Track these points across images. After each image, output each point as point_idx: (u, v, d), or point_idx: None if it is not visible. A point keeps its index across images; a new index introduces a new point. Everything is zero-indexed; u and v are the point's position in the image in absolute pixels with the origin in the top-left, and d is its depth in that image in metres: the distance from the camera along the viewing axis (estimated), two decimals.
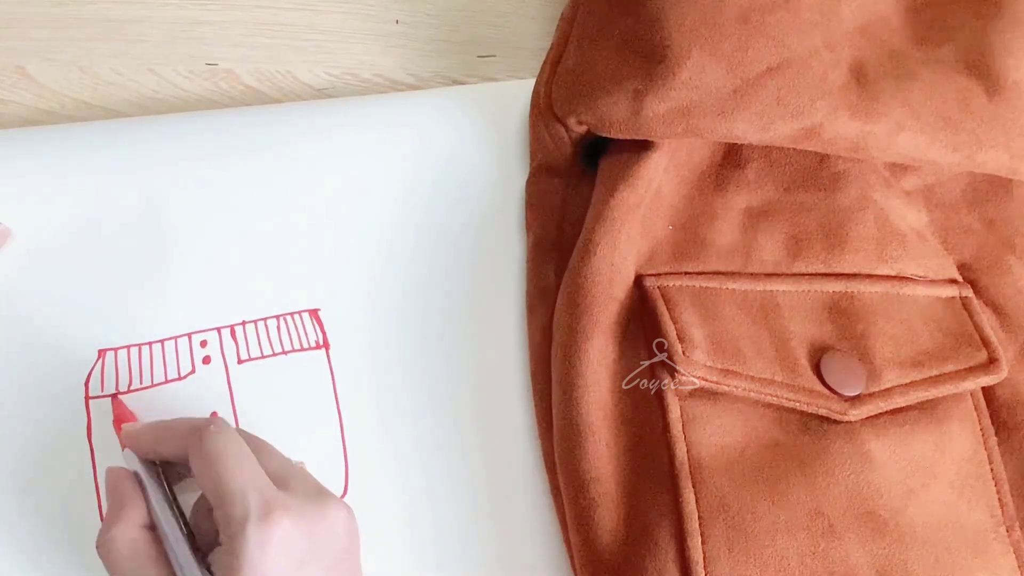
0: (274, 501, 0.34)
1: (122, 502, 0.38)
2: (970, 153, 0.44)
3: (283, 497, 0.35)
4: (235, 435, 0.37)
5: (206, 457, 0.36)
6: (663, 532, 0.40)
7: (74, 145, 0.48)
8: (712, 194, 0.47)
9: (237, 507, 0.34)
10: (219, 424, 0.37)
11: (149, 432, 0.39)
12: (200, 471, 0.36)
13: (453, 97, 0.50)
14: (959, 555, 0.40)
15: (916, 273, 0.45)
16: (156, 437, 0.39)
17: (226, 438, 0.36)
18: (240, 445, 0.36)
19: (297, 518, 0.34)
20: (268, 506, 0.34)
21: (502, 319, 0.46)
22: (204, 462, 0.36)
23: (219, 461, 0.35)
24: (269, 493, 0.35)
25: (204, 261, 0.47)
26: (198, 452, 0.36)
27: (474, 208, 0.48)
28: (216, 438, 0.36)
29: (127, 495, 0.38)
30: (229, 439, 0.36)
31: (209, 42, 0.53)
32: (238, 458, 0.36)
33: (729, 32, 0.42)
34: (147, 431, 0.39)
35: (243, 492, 0.34)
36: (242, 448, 0.36)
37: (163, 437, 0.39)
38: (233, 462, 0.35)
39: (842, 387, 0.42)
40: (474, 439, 0.44)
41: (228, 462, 0.35)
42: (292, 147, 0.49)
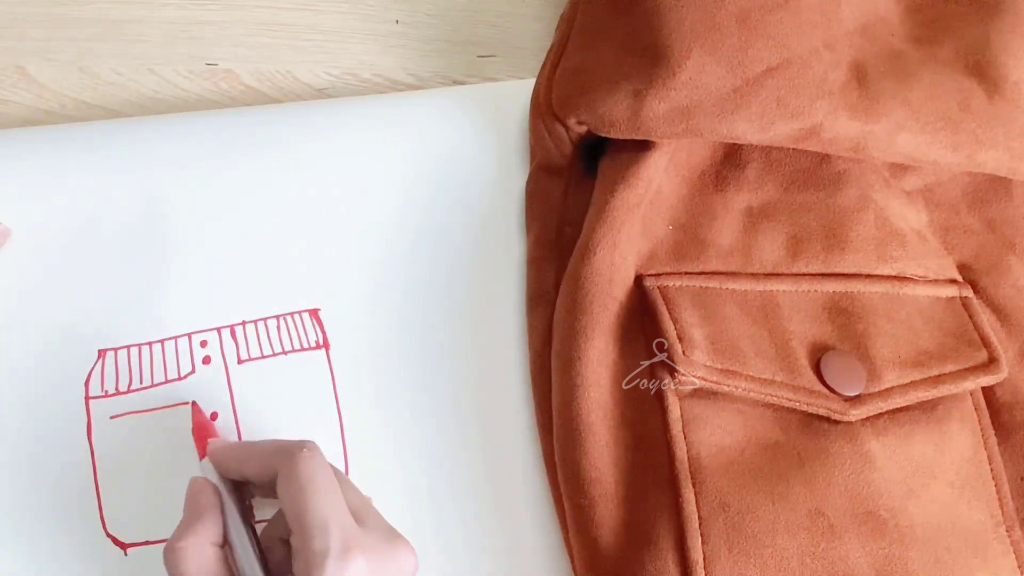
0: (353, 539, 0.35)
1: (199, 514, 0.37)
2: (970, 153, 0.44)
3: (361, 536, 0.35)
4: (325, 463, 0.37)
5: (296, 482, 0.36)
6: (663, 532, 0.40)
7: (74, 145, 0.48)
8: (712, 194, 0.47)
9: (318, 540, 0.34)
10: (312, 449, 0.37)
11: (236, 452, 0.39)
12: (287, 495, 0.36)
13: (453, 97, 0.50)
14: (959, 555, 0.40)
15: (916, 273, 0.45)
16: (242, 457, 0.39)
17: (317, 464, 0.36)
18: (329, 474, 0.36)
19: (371, 558, 0.35)
20: (347, 544, 0.34)
21: (502, 319, 0.46)
22: (293, 487, 0.36)
23: (308, 487, 0.35)
24: (349, 530, 0.35)
25: (204, 261, 0.47)
26: (288, 475, 0.36)
27: (474, 208, 0.48)
28: (308, 463, 0.36)
29: (206, 508, 0.37)
30: (320, 466, 0.36)
31: (209, 42, 0.53)
32: (326, 489, 0.36)
33: (729, 32, 0.42)
34: (234, 451, 0.39)
35: (326, 526, 0.34)
36: (330, 478, 0.36)
37: (250, 458, 0.38)
38: (321, 492, 0.35)
39: (842, 387, 0.42)
40: (474, 439, 0.44)
41: (316, 490, 0.35)
42: (292, 147, 0.49)
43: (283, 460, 0.36)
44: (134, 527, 0.43)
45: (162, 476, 0.43)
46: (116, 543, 0.43)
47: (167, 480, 0.43)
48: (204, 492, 0.38)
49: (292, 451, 0.37)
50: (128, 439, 0.44)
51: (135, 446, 0.44)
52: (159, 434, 0.44)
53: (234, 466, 0.39)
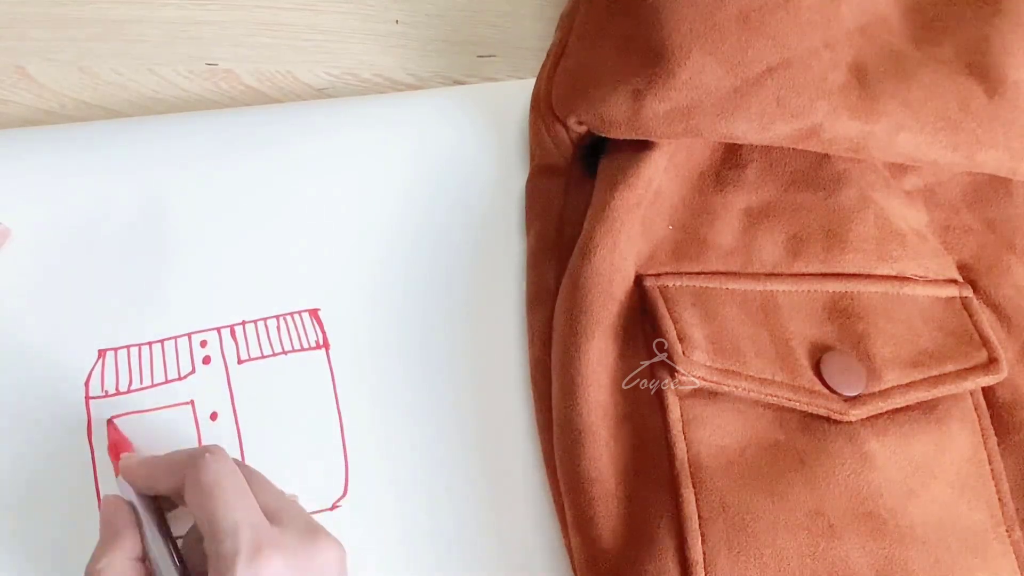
0: (265, 539, 0.34)
1: (116, 531, 0.37)
2: (970, 153, 0.44)
3: (275, 534, 0.35)
4: (231, 465, 0.37)
5: (201, 488, 0.35)
6: (663, 532, 0.40)
7: (74, 145, 0.48)
8: (712, 194, 0.47)
9: (228, 543, 0.34)
10: (216, 452, 0.37)
11: (145, 467, 0.39)
12: (194, 502, 0.36)
13: (453, 97, 0.50)
14: (959, 555, 0.40)
15: (916, 273, 0.45)
16: (151, 472, 0.38)
17: (222, 468, 0.36)
18: (236, 476, 0.36)
19: (288, 556, 0.34)
20: (259, 544, 0.34)
21: (502, 319, 0.46)
22: (199, 493, 0.35)
23: (214, 493, 0.35)
24: (261, 530, 0.34)
25: (204, 261, 0.47)
26: (194, 482, 0.36)
27: (474, 208, 0.48)
28: (211, 468, 0.36)
29: (121, 524, 0.37)
30: (225, 469, 0.36)
31: (209, 42, 0.53)
32: (233, 491, 0.35)
33: (729, 32, 0.42)
34: (143, 467, 0.39)
35: (235, 528, 0.34)
36: (237, 480, 0.36)
37: (159, 472, 0.38)
38: (228, 495, 0.35)
39: (842, 387, 0.42)
40: (474, 439, 0.44)
41: (221, 493, 0.35)
42: (292, 147, 0.49)
43: (188, 467, 0.36)
44: None
45: None
46: None
47: None
48: (119, 510, 0.38)
49: (195, 457, 0.36)
50: (129, 438, 0.44)
51: (135, 446, 0.44)
52: (159, 434, 0.44)
53: (144, 481, 0.38)
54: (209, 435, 0.44)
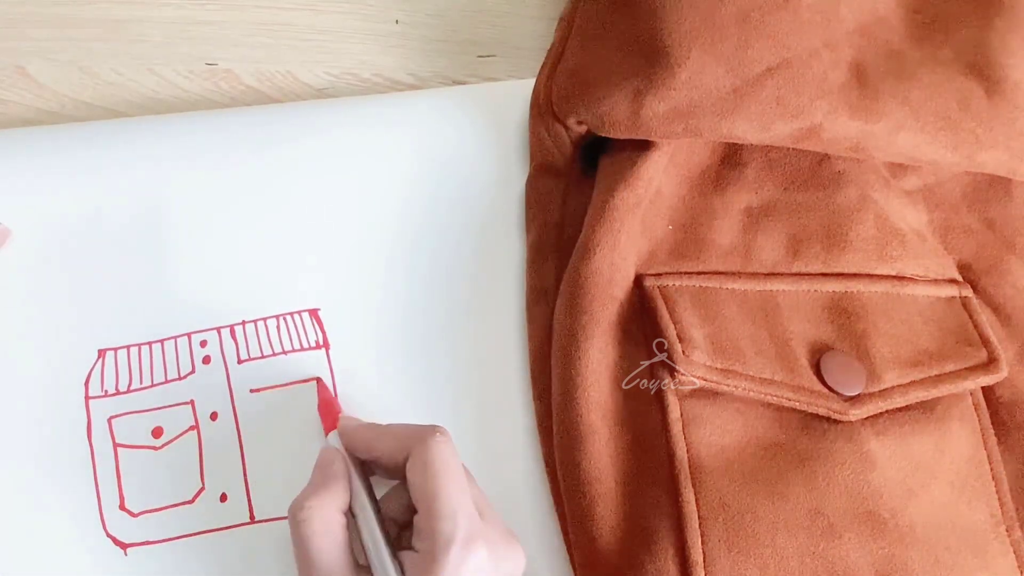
0: (477, 529, 0.35)
1: (329, 480, 0.38)
2: (970, 153, 0.44)
3: (484, 528, 0.36)
4: (455, 450, 0.37)
5: (430, 465, 0.36)
6: (663, 532, 0.40)
7: (74, 145, 0.48)
8: (712, 194, 0.47)
9: (447, 524, 0.35)
10: (445, 434, 0.38)
11: (367, 431, 0.40)
12: (417, 477, 0.36)
13: (453, 97, 0.50)
14: (959, 555, 0.40)
15: (916, 273, 0.45)
16: (374, 437, 0.39)
17: (450, 450, 0.37)
18: (458, 461, 0.37)
19: (492, 551, 0.36)
20: (472, 533, 0.35)
21: (502, 319, 0.46)
22: (425, 470, 0.36)
23: (441, 473, 0.36)
24: (475, 520, 0.36)
25: (204, 261, 0.47)
26: (422, 458, 0.36)
27: (474, 208, 0.48)
28: (443, 447, 0.37)
29: (335, 476, 0.38)
30: (452, 453, 0.37)
31: (209, 42, 0.53)
32: (456, 475, 0.36)
33: (729, 32, 0.42)
34: (365, 430, 0.40)
35: (455, 511, 0.35)
36: (460, 465, 0.37)
37: (381, 438, 0.39)
38: (452, 477, 0.36)
39: (842, 387, 0.42)
40: (474, 439, 0.44)
41: (449, 475, 0.36)
42: (292, 147, 0.49)
43: (416, 442, 0.37)
44: (134, 527, 0.43)
45: (163, 477, 0.43)
46: (116, 543, 0.43)
47: (168, 480, 0.43)
48: (336, 461, 0.39)
49: (426, 435, 0.37)
50: (128, 439, 0.44)
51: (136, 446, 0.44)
52: (160, 434, 0.44)
53: (364, 445, 0.39)
54: (209, 435, 0.44)
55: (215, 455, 0.44)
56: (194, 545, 0.43)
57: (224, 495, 0.43)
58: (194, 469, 0.44)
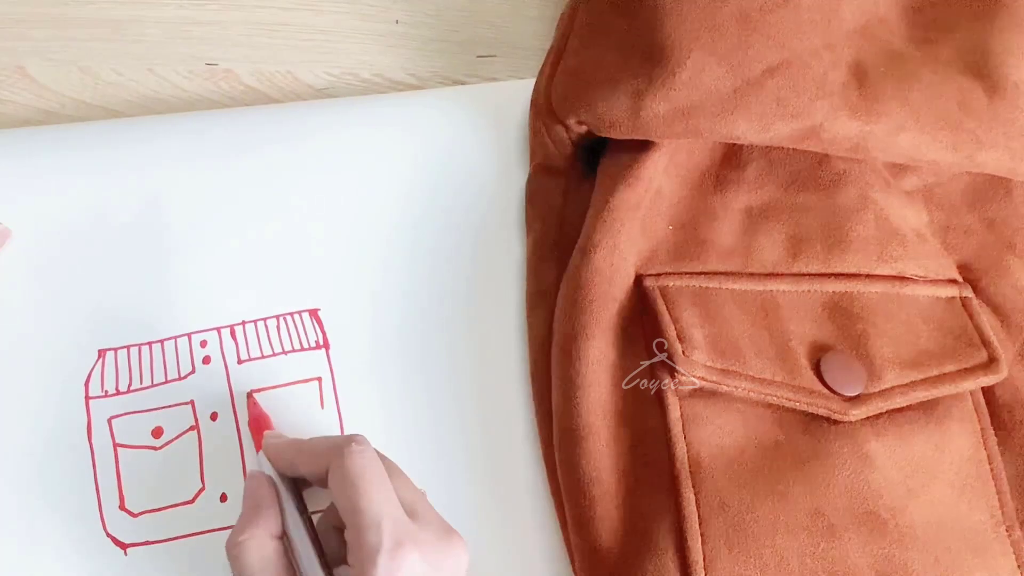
0: (405, 534, 0.35)
1: (258, 508, 0.38)
2: (970, 153, 0.44)
3: (413, 530, 0.35)
4: (375, 456, 0.37)
5: (346, 477, 0.36)
6: (663, 532, 0.40)
7: (74, 145, 0.48)
8: (712, 194, 0.47)
9: (371, 534, 0.34)
10: (361, 443, 0.37)
11: (291, 448, 0.39)
12: (338, 490, 0.36)
13: (453, 97, 0.50)
14: (959, 555, 0.40)
15: (916, 273, 0.45)
16: (296, 455, 0.39)
17: (367, 459, 0.37)
18: (379, 468, 0.37)
19: (425, 552, 0.35)
20: (399, 538, 0.35)
21: (502, 319, 0.46)
22: (344, 481, 0.36)
23: (359, 483, 0.36)
24: (401, 525, 0.35)
25: (204, 261, 0.47)
26: (339, 471, 0.36)
27: (474, 208, 0.48)
28: (357, 458, 0.36)
29: (264, 501, 0.38)
30: (369, 460, 0.37)
31: (209, 42, 0.53)
32: (377, 482, 0.36)
33: (729, 32, 0.42)
34: (289, 448, 0.39)
35: (378, 521, 0.35)
36: (380, 471, 0.37)
37: (303, 456, 0.38)
38: (372, 486, 0.36)
39: (842, 387, 0.42)
40: (474, 439, 0.44)
41: (367, 485, 0.36)
42: (292, 147, 0.49)
43: (333, 456, 0.37)
44: (134, 527, 0.43)
45: (163, 477, 0.43)
46: (116, 543, 0.43)
47: (168, 480, 0.43)
48: (262, 486, 0.39)
49: (341, 446, 0.37)
50: (128, 439, 0.44)
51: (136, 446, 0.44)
52: (160, 434, 0.44)
53: (287, 463, 0.39)
54: (209, 435, 0.44)
55: (215, 455, 0.44)
56: (194, 545, 0.43)
57: (224, 495, 0.43)
58: (194, 469, 0.44)
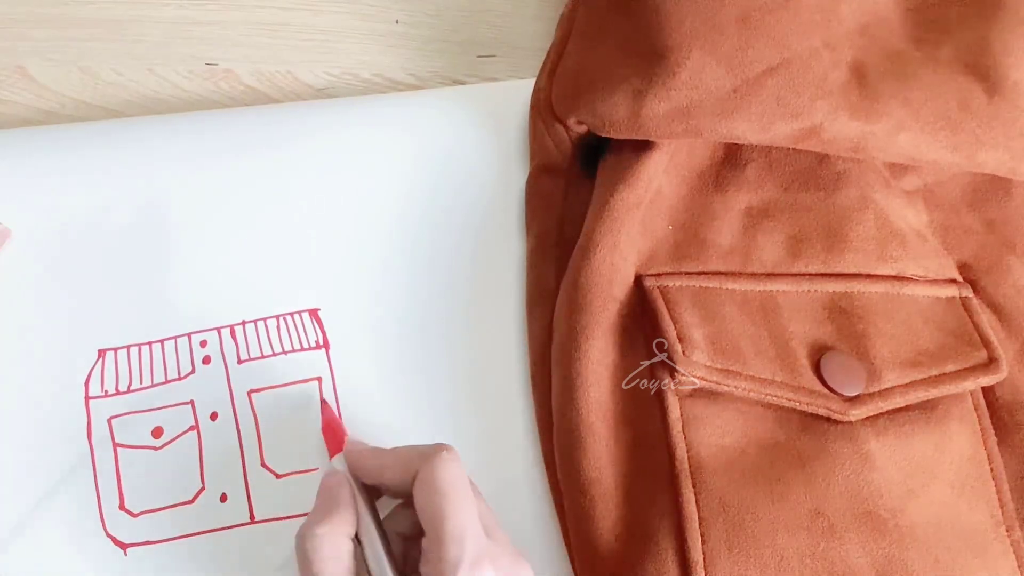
0: (485, 551, 0.35)
1: (336, 505, 0.37)
2: (970, 153, 0.44)
3: (492, 548, 0.35)
4: (462, 469, 0.37)
5: (436, 486, 0.36)
6: (663, 532, 0.40)
7: (74, 145, 0.48)
8: (712, 194, 0.47)
9: (453, 547, 0.34)
10: (452, 453, 0.37)
11: (374, 456, 0.39)
12: (424, 498, 0.36)
13: (453, 97, 0.50)
14: (959, 555, 0.40)
15: (916, 273, 0.45)
16: (380, 463, 0.38)
17: (457, 469, 0.36)
18: (466, 481, 0.36)
19: (500, 572, 0.35)
20: (479, 555, 0.34)
21: (502, 319, 0.46)
22: (432, 490, 0.36)
23: (448, 493, 0.35)
24: (482, 541, 0.35)
25: (204, 261, 0.47)
26: (428, 478, 0.36)
27: (474, 208, 0.48)
28: (449, 466, 0.36)
29: (342, 501, 0.38)
30: (459, 471, 0.36)
31: (209, 42, 0.53)
32: (463, 496, 0.36)
33: (729, 32, 0.42)
34: (372, 455, 0.39)
35: (462, 534, 0.35)
36: (467, 485, 0.36)
37: (388, 462, 0.38)
38: (458, 499, 0.35)
39: (842, 387, 0.42)
40: (474, 439, 0.44)
41: (455, 497, 0.35)
42: (292, 147, 0.49)
43: (423, 463, 0.36)
44: (134, 527, 0.43)
45: (163, 477, 0.43)
46: (116, 543, 0.43)
47: (168, 480, 0.43)
48: (342, 486, 0.38)
49: (432, 454, 0.37)
50: (128, 439, 0.44)
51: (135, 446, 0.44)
52: (160, 434, 0.44)
53: (371, 470, 0.39)
54: (209, 435, 0.44)
55: (215, 455, 0.44)
56: (194, 545, 0.43)
57: (224, 495, 0.43)
58: (194, 469, 0.44)
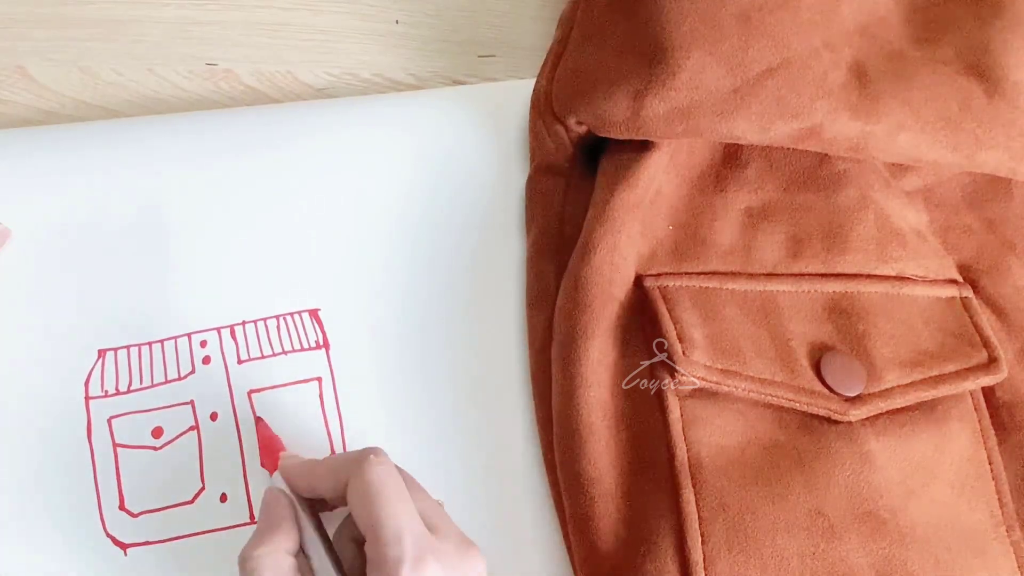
0: (427, 547, 0.35)
1: (275, 524, 0.37)
2: (970, 153, 0.44)
3: (434, 543, 0.35)
4: (394, 469, 0.37)
5: (366, 490, 0.35)
6: (663, 532, 0.40)
7: (74, 145, 0.48)
8: (712, 194, 0.47)
9: (393, 548, 0.34)
10: (380, 455, 0.37)
11: (308, 467, 0.39)
12: (357, 504, 0.36)
13: (453, 97, 0.50)
14: (959, 555, 0.40)
15: (916, 273, 0.45)
16: (313, 475, 0.38)
17: (386, 471, 0.36)
18: (398, 481, 0.36)
19: (446, 566, 0.35)
20: (421, 552, 0.34)
21: (502, 319, 0.46)
22: (363, 495, 0.35)
23: (379, 496, 0.35)
24: (422, 538, 0.35)
25: (204, 261, 0.47)
26: (358, 484, 0.36)
27: (474, 208, 0.48)
28: (377, 470, 0.36)
29: (281, 518, 0.37)
30: (389, 473, 0.36)
31: (209, 42, 0.53)
32: (397, 496, 0.36)
33: (729, 32, 0.42)
34: (305, 467, 0.39)
35: (399, 534, 0.34)
36: (400, 484, 0.36)
37: (320, 475, 0.38)
38: (392, 499, 0.35)
39: (842, 387, 0.42)
40: (474, 439, 0.44)
41: (387, 499, 0.35)
42: (292, 147, 0.49)
43: (352, 469, 0.36)
44: (134, 527, 0.43)
45: (163, 477, 0.43)
46: (116, 543, 0.43)
47: (167, 480, 0.43)
48: (279, 503, 0.38)
49: (360, 459, 0.36)
50: (128, 439, 0.44)
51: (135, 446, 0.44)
52: (160, 434, 0.44)
53: (305, 483, 0.38)
54: (209, 435, 0.44)
55: (215, 455, 0.44)
56: (194, 545, 0.43)
57: (224, 495, 0.43)
58: (194, 469, 0.44)
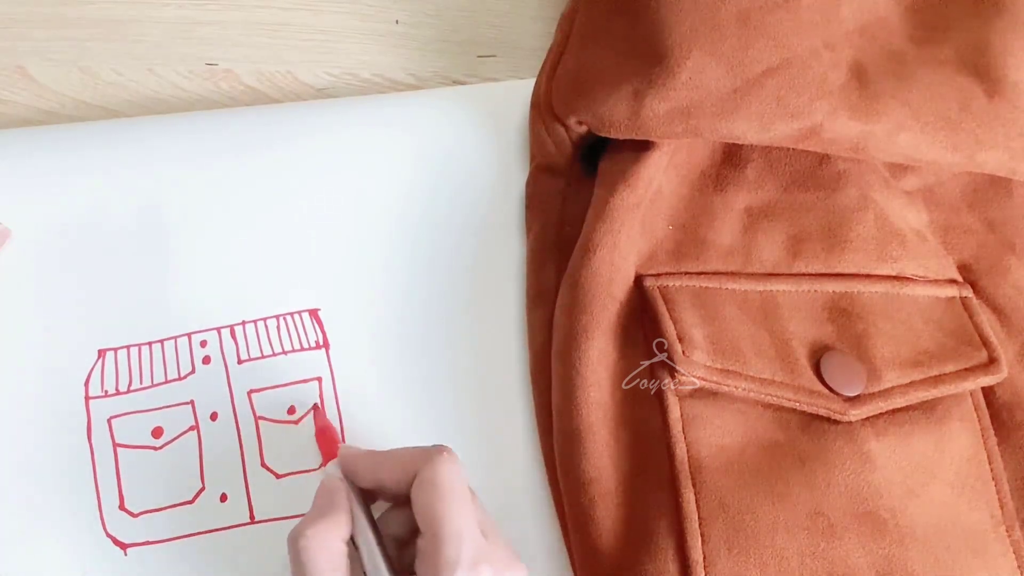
0: (482, 552, 0.35)
1: (331, 509, 0.37)
2: (970, 153, 0.44)
3: (489, 551, 0.35)
4: (463, 470, 0.37)
5: (434, 487, 0.36)
6: (663, 532, 0.40)
7: (74, 145, 0.48)
8: (712, 194, 0.47)
9: (451, 548, 0.34)
10: (451, 453, 0.37)
11: (370, 459, 0.39)
12: (423, 497, 0.36)
13: (453, 97, 0.50)
14: (959, 555, 0.40)
15: (916, 273, 0.45)
16: (376, 465, 0.38)
17: (456, 470, 0.36)
18: (465, 483, 0.36)
19: (496, 573, 0.35)
20: (477, 556, 0.34)
21: (502, 319, 0.46)
22: (431, 489, 0.36)
23: (447, 494, 0.35)
24: (479, 542, 0.35)
25: (204, 261, 0.47)
26: (427, 478, 0.36)
27: (474, 208, 0.48)
28: (449, 467, 0.36)
29: (338, 505, 0.37)
30: (458, 472, 0.36)
31: (209, 42, 0.53)
32: (461, 496, 0.36)
33: (729, 32, 0.42)
34: (368, 458, 0.39)
35: (460, 535, 0.35)
36: (465, 485, 0.36)
37: (385, 465, 0.38)
38: (457, 499, 0.35)
39: (842, 387, 0.42)
40: (474, 439, 0.44)
41: (454, 497, 0.35)
42: (292, 147, 0.49)
43: (423, 463, 0.36)
44: (134, 527, 0.43)
45: (163, 477, 0.43)
46: (116, 543, 0.43)
47: (167, 480, 0.43)
48: (338, 490, 0.38)
49: (433, 455, 0.37)
50: (128, 439, 0.44)
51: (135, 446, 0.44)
52: (160, 434, 0.44)
53: (368, 472, 0.38)
54: (209, 435, 0.44)
55: (215, 455, 0.44)
56: (194, 545, 0.43)
57: (224, 495, 0.43)
58: (194, 469, 0.44)
